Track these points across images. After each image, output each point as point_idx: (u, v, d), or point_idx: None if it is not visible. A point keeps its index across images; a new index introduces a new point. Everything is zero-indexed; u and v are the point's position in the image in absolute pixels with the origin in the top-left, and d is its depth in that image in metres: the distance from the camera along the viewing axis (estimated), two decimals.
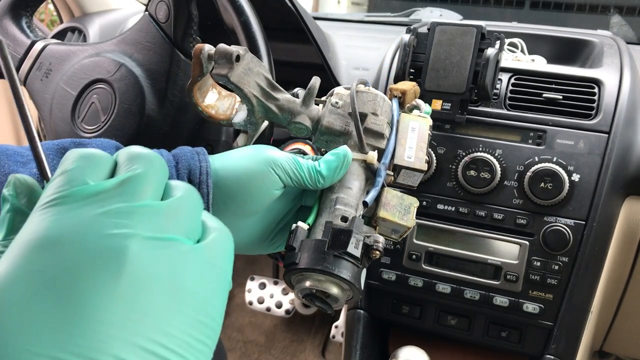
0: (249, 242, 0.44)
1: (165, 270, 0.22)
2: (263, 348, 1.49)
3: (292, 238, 0.40)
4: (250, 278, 1.50)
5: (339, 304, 0.40)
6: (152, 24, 0.67)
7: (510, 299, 0.71)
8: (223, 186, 0.41)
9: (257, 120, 0.48)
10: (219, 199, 0.41)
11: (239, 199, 0.41)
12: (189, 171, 0.41)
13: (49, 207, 0.22)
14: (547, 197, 0.69)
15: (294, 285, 0.40)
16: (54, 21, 2.16)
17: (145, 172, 0.24)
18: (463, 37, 0.70)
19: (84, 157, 0.24)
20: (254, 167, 0.42)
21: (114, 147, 0.41)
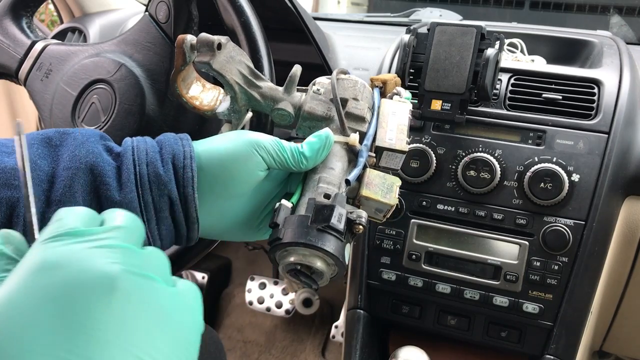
0: (235, 225, 0.45)
1: (148, 297, 0.25)
2: (263, 348, 1.49)
3: (276, 215, 0.41)
4: (250, 278, 1.50)
5: (324, 280, 0.40)
6: (152, 24, 0.67)
7: (510, 299, 0.71)
8: (207, 169, 0.42)
9: (241, 109, 0.49)
10: (204, 182, 0.42)
11: (224, 181, 0.42)
12: (173, 156, 0.42)
13: (47, 242, 0.25)
14: (546, 197, 0.69)
15: (278, 262, 0.41)
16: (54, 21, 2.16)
17: (127, 225, 0.28)
18: (463, 38, 0.70)
19: (74, 211, 0.28)
20: (237, 148, 0.43)
21: (97, 135, 0.42)
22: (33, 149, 0.40)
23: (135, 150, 0.42)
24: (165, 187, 0.41)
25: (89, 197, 0.40)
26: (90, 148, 0.40)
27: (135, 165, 0.41)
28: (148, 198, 0.41)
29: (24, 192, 0.30)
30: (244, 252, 1.63)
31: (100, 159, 0.40)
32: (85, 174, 0.39)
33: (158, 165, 0.41)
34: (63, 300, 0.23)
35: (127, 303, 0.24)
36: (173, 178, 0.41)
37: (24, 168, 0.30)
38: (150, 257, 0.27)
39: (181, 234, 0.43)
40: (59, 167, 0.39)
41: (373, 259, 0.77)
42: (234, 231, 0.46)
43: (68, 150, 0.40)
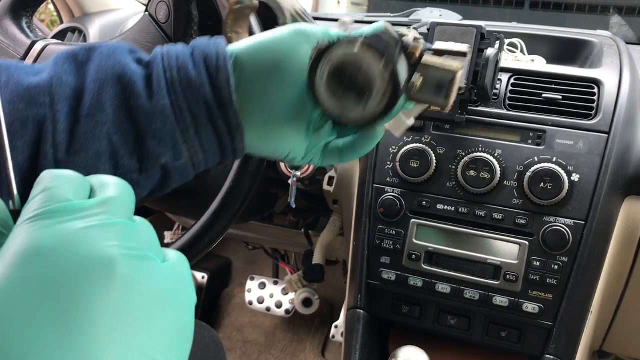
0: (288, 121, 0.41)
1: (147, 280, 0.24)
2: (263, 348, 1.49)
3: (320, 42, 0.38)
4: (250, 278, 1.50)
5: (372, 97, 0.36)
6: (152, 24, 0.67)
7: (510, 299, 0.71)
8: (252, 64, 0.40)
9: None
10: (248, 81, 0.40)
11: (270, 68, 0.40)
12: (205, 58, 0.39)
13: (36, 221, 0.23)
14: (546, 197, 0.69)
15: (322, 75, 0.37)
16: (54, 21, 2.16)
17: (120, 196, 0.26)
18: (463, 37, 0.70)
19: (62, 177, 0.25)
20: (283, 35, 0.40)
21: (126, 48, 0.40)
22: (58, 65, 0.38)
23: (165, 57, 0.39)
24: (199, 92, 0.38)
25: (119, 108, 0.38)
26: (118, 59, 0.38)
27: (166, 71, 0.38)
28: (183, 104, 0.38)
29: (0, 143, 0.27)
30: (244, 252, 1.63)
31: (128, 69, 0.38)
32: (113, 85, 0.37)
33: (189, 68, 0.39)
34: (60, 292, 0.21)
35: (127, 290, 0.22)
36: (207, 80, 0.39)
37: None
38: (142, 230, 0.26)
39: (225, 144, 0.40)
40: (87, 81, 0.38)
41: (373, 259, 0.77)
42: (284, 136, 0.42)
43: (94, 63, 0.38)
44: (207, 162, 0.41)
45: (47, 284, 0.21)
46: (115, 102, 0.37)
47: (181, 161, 0.40)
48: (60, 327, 0.20)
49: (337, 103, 0.38)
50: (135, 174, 0.39)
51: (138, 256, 0.24)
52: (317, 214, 1.12)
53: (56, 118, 0.36)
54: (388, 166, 0.77)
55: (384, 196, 0.76)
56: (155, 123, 0.38)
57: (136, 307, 0.22)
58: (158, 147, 0.39)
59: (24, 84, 0.36)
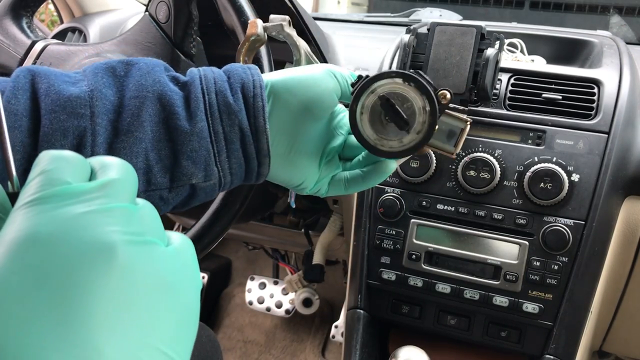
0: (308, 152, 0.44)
1: (149, 266, 0.23)
2: (263, 348, 1.49)
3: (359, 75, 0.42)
4: (250, 278, 1.50)
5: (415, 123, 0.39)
6: (152, 24, 0.67)
7: (509, 299, 0.72)
8: (287, 91, 0.42)
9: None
10: (283, 105, 0.42)
11: (303, 99, 0.42)
12: (242, 85, 0.41)
13: (33, 206, 0.22)
14: (546, 197, 0.69)
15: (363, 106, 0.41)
16: (54, 21, 2.16)
17: (122, 178, 0.25)
18: (463, 38, 0.70)
19: (61, 158, 0.24)
20: (316, 72, 0.43)
21: (162, 65, 0.41)
22: (97, 77, 0.38)
23: (203, 79, 0.40)
24: (236, 117, 0.40)
25: (157, 126, 0.38)
26: (157, 77, 0.39)
27: (204, 94, 0.40)
28: (218, 128, 0.40)
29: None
30: (244, 252, 1.63)
31: (167, 88, 0.39)
32: (153, 103, 0.38)
33: (227, 94, 0.40)
34: (58, 281, 0.20)
35: (128, 278, 0.21)
36: (243, 107, 0.40)
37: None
38: (145, 214, 0.25)
39: (252, 168, 0.42)
40: (126, 97, 0.38)
41: (373, 259, 0.77)
42: (302, 165, 0.44)
43: (134, 79, 0.39)
44: (232, 184, 0.43)
45: (44, 272, 0.20)
46: (154, 120, 0.38)
47: (210, 182, 0.41)
48: (58, 318, 0.19)
49: (376, 133, 0.41)
50: (166, 191, 0.40)
51: (140, 241, 0.23)
52: (317, 214, 1.12)
53: (95, 131, 0.37)
54: None
55: (384, 196, 0.76)
56: (192, 144, 0.39)
57: (138, 295, 0.22)
58: (191, 167, 0.40)
59: (65, 94, 0.36)
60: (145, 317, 0.21)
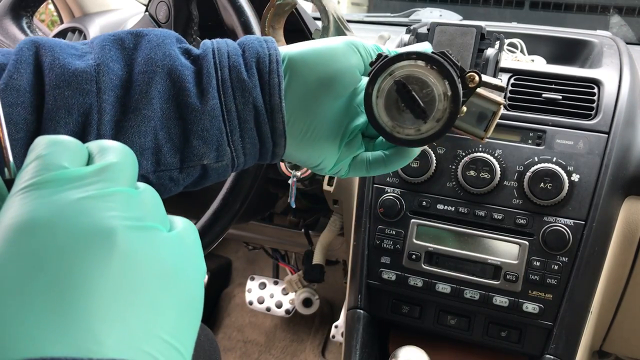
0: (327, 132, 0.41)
1: (150, 253, 0.22)
2: (263, 348, 1.49)
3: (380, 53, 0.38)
4: (250, 278, 1.50)
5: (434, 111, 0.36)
6: (152, 24, 0.67)
7: (510, 299, 0.72)
8: (302, 70, 0.39)
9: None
10: (296, 87, 0.39)
11: (322, 80, 0.39)
12: (257, 59, 0.38)
13: (29, 191, 0.21)
14: (546, 197, 0.69)
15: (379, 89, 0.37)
16: (54, 21, 2.16)
17: (121, 162, 0.24)
18: (463, 38, 0.70)
19: (57, 143, 0.23)
20: (337, 46, 0.40)
21: (173, 37, 0.39)
22: (105, 50, 0.36)
23: (216, 53, 0.38)
24: (250, 94, 0.37)
25: (166, 104, 0.36)
26: (167, 50, 0.37)
27: (217, 70, 0.37)
28: (231, 106, 0.37)
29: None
30: (244, 252, 1.63)
31: (178, 62, 0.37)
32: (163, 79, 0.36)
33: (241, 69, 0.37)
34: (56, 268, 0.19)
35: (128, 264, 0.21)
36: (258, 84, 0.38)
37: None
38: (146, 198, 0.24)
39: (266, 148, 0.40)
40: (134, 72, 0.36)
41: (373, 259, 0.77)
42: (320, 146, 0.41)
43: (143, 53, 0.37)
44: (246, 163, 0.41)
45: (41, 260, 0.19)
46: (163, 96, 0.36)
47: (223, 163, 0.39)
48: (56, 307, 0.19)
49: (392, 119, 0.37)
50: (176, 171, 0.38)
51: (141, 227, 0.22)
52: (317, 214, 1.12)
53: (102, 108, 0.35)
54: None
55: (384, 196, 0.76)
56: (203, 123, 0.37)
57: (139, 282, 0.21)
58: (202, 147, 0.38)
59: (70, 68, 0.34)
60: (146, 305, 0.21)
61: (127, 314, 0.20)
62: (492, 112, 0.40)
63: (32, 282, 0.19)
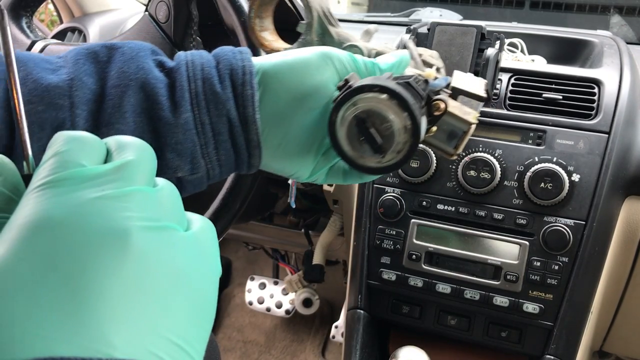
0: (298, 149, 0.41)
1: (165, 254, 0.22)
2: (263, 348, 1.49)
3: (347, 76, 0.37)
4: (250, 278, 1.50)
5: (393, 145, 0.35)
6: (152, 24, 0.67)
7: (510, 299, 0.71)
8: (275, 82, 0.39)
9: (312, 40, 0.47)
10: (270, 98, 0.39)
11: (295, 93, 0.39)
12: (231, 71, 0.38)
13: (45, 189, 0.21)
14: (547, 197, 0.69)
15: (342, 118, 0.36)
16: (54, 21, 2.16)
17: (139, 160, 0.24)
18: (463, 37, 0.70)
19: (76, 139, 0.23)
20: (310, 58, 0.39)
21: (148, 49, 0.38)
22: (78, 65, 0.36)
23: (189, 66, 0.38)
24: (224, 107, 0.37)
25: (139, 117, 0.36)
26: (141, 63, 0.37)
27: (190, 82, 0.37)
28: (205, 118, 0.37)
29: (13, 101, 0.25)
30: (244, 252, 1.63)
31: (151, 76, 0.37)
32: (136, 92, 0.36)
33: (215, 81, 0.37)
34: (68, 268, 0.19)
35: (142, 266, 0.20)
36: (232, 96, 0.37)
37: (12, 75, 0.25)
38: (164, 197, 0.24)
39: (242, 159, 0.40)
40: (107, 85, 0.36)
41: (373, 259, 0.77)
42: (292, 158, 0.41)
43: (116, 66, 0.36)
44: (222, 174, 0.41)
45: (54, 259, 0.19)
46: (136, 110, 0.36)
47: (197, 175, 0.39)
48: (66, 306, 0.18)
49: (354, 149, 0.37)
50: None
51: (156, 227, 0.22)
52: (317, 214, 1.12)
53: (75, 123, 0.35)
54: None
55: (384, 196, 0.76)
56: (176, 136, 0.37)
57: (152, 284, 0.21)
58: (177, 160, 0.37)
59: (43, 83, 0.34)
60: (158, 307, 0.21)
61: (138, 316, 0.20)
62: (463, 132, 0.40)
63: (43, 281, 0.19)
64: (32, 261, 0.19)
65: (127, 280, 0.20)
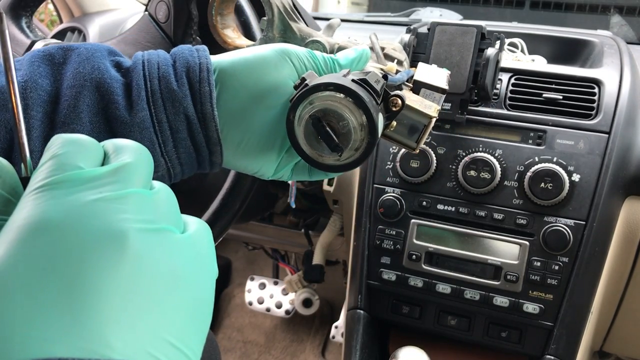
0: (260, 147, 0.41)
1: (161, 256, 0.22)
2: (263, 348, 1.49)
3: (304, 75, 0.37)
4: (250, 278, 1.50)
5: (350, 144, 0.35)
6: (152, 24, 0.67)
7: (510, 299, 0.71)
8: (233, 80, 0.39)
9: (274, 36, 0.47)
10: (228, 96, 0.39)
11: (253, 91, 0.39)
12: (188, 69, 0.38)
13: (43, 191, 0.21)
14: (547, 197, 0.69)
15: (300, 117, 0.36)
16: (53, 21, 2.16)
17: (136, 162, 0.24)
18: (463, 37, 0.70)
19: (73, 142, 0.23)
20: (267, 55, 0.39)
21: (105, 50, 0.38)
22: (34, 67, 0.36)
23: (146, 65, 0.38)
24: (180, 104, 0.37)
25: (96, 117, 0.36)
26: (96, 64, 0.36)
27: (147, 81, 0.37)
28: (162, 117, 0.37)
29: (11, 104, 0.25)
30: (244, 252, 1.63)
31: (107, 75, 0.36)
32: (91, 93, 0.36)
33: (171, 79, 0.37)
34: (66, 270, 0.19)
35: (139, 268, 0.21)
36: (188, 94, 0.37)
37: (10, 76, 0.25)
38: (160, 199, 0.24)
39: (203, 157, 0.39)
40: (63, 86, 0.36)
41: (373, 259, 0.77)
42: (259, 148, 0.41)
43: (72, 67, 0.36)
44: (184, 173, 0.41)
45: (52, 261, 0.19)
46: (92, 110, 0.36)
47: (158, 174, 0.38)
48: (65, 308, 0.19)
49: (312, 147, 0.37)
50: None
51: (153, 229, 0.22)
52: (317, 214, 1.12)
53: (30, 124, 0.34)
54: (388, 166, 0.77)
55: (384, 196, 0.76)
56: (134, 135, 0.36)
57: (149, 285, 0.21)
58: None
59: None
60: (155, 309, 0.21)
61: (135, 317, 0.20)
62: (423, 125, 0.40)
63: (41, 282, 0.19)
64: (30, 262, 0.19)
65: (125, 281, 0.20)
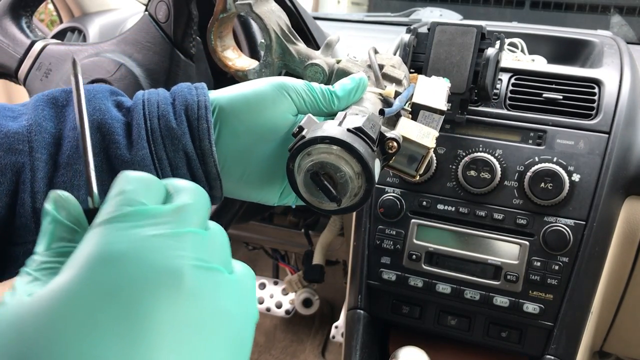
0: (260, 179, 0.42)
1: (212, 294, 0.23)
2: (263, 348, 1.49)
3: (302, 121, 0.38)
4: None
5: (348, 193, 0.36)
6: (152, 24, 0.67)
7: (510, 299, 0.71)
8: (231, 116, 0.40)
9: (274, 61, 0.47)
10: (227, 132, 0.40)
11: (251, 126, 0.40)
12: (186, 107, 0.39)
13: (110, 223, 0.23)
14: (547, 197, 0.69)
15: (299, 166, 0.37)
16: (53, 21, 2.16)
17: (195, 203, 0.25)
18: (463, 37, 0.70)
19: (139, 179, 0.25)
20: (265, 91, 0.40)
21: (107, 91, 0.40)
22: (38, 110, 0.37)
23: (146, 104, 0.39)
24: (179, 142, 0.38)
25: (98, 157, 0.37)
26: (98, 105, 0.38)
27: (146, 120, 0.38)
28: (162, 154, 0.38)
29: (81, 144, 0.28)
30: (244, 252, 1.63)
31: (108, 116, 0.38)
32: (93, 133, 0.37)
33: (170, 117, 0.38)
34: (126, 300, 0.21)
35: (192, 304, 0.22)
36: (187, 131, 0.39)
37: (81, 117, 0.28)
38: (215, 240, 0.25)
39: None
40: (66, 128, 0.37)
41: (373, 259, 0.77)
42: (257, 187, 0.42)
43: (74, 109, 0.37)
44: None
45: (114, 290, 0.21)
46: (94, 150, 0.37)
47: None
48: (123, 335, 0.20)
49: (312, 195, 0.38)
50: None
51: (207, 268, 0.23)
52: (317, 214, 1.12)
53: (35, 166, 0.36)
54: None
55: (384, 196, 0.76)
56: None
57: (200, 321, 0.22)
58: None
59: (3, 130, 0.36)
60: (202, 343, 0.22)
61: (184, 350, 0.21)
62: (422, 156, 0.41)
63: (103, 306, 0.21)
64: (94, 288, 0.21)
65: (178, 314, 0.22)
